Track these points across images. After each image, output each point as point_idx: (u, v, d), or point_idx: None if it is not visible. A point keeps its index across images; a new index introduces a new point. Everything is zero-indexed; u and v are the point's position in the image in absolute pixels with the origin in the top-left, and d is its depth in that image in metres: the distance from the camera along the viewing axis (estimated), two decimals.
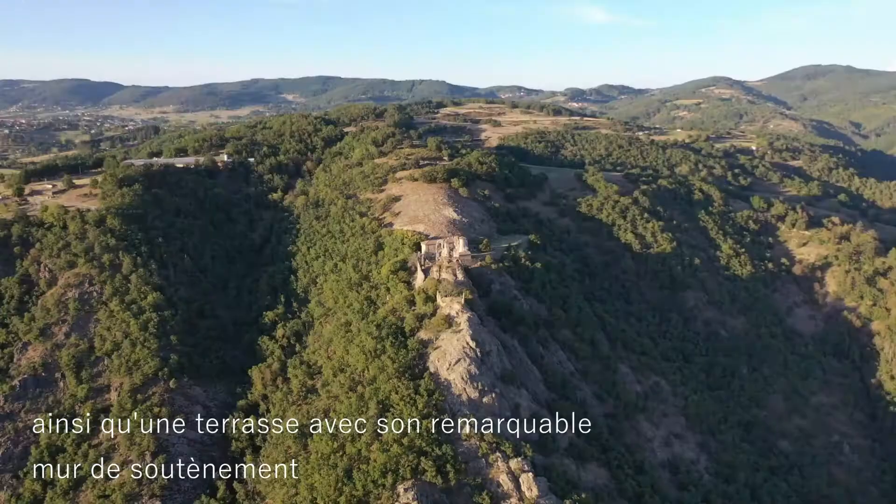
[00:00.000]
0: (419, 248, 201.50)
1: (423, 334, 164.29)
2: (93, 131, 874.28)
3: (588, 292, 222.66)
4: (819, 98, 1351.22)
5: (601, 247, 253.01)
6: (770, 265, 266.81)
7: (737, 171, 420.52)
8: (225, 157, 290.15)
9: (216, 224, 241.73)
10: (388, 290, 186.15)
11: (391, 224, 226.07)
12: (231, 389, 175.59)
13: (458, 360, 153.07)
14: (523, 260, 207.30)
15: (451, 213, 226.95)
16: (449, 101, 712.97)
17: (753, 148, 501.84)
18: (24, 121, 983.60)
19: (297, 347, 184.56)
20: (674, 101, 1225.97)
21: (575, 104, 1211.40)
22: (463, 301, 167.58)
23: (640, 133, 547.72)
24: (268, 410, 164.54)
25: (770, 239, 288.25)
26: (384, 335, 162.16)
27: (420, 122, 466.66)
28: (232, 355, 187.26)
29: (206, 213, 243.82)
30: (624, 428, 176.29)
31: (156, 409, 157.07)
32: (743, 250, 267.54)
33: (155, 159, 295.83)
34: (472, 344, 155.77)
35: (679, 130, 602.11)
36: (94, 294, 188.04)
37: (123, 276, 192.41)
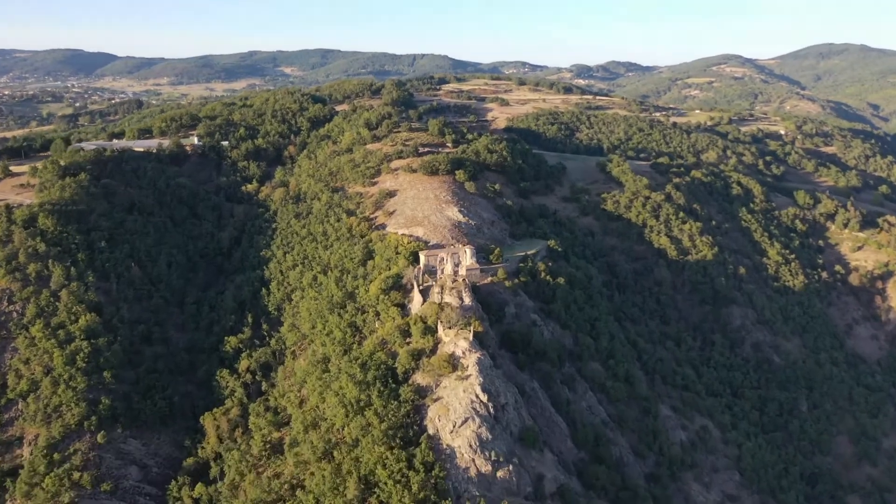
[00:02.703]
0: (417, 259, 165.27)
1: (419, 378, 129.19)
2: (77, 104, 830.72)
3: (618, 310, 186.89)
4: (834, 78, 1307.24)
5: (630, 252, 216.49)
6: (824, 274, 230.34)
7: (768, 158, 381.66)
8: (195, 140, 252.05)
9: (178, 221, 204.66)
10: (377, 314, 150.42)
11: (384, 226, 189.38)
12: (179, 440, 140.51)
13: (466, 419, 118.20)
14: (543, 274, 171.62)
15: (455, 213, 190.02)
16: (452, 76, 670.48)
17: (782, 132, 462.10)
18: (7, 92, 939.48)
19: (264, 385, 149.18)
20: (684, 79, 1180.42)
21: (581, 81, 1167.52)
22: (471, 337, 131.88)
23: (658, 114, 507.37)
24: (221, 475, 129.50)
25: (820, 242, 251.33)
26: (370, 379, 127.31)
27: (421, 101, 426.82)
28: (184, 392, 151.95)
29: (166, 207, 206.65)
30: (669, 492, 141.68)
31: (76, 475, 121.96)
32: (793, 256, 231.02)
33: (115, 141, 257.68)
34: (483, 397, 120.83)
35: (698, 111, 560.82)
36: (14, 315, 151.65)
37: (52, 292, 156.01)
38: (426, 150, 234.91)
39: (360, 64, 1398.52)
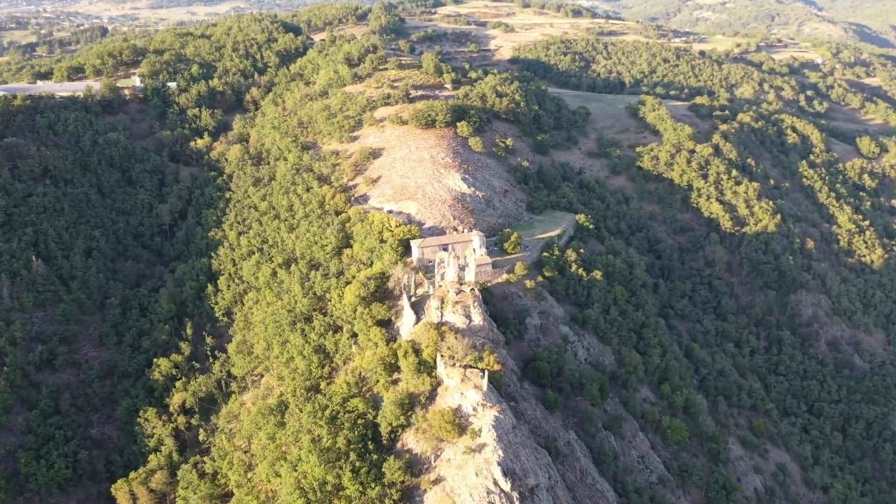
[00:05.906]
0: (408, 251, 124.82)
1: (411, 440, 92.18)
2: (43, 31, 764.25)
3: (664, 305, 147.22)
4: None
5: (674, 221, 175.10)
6: None
7: (809, 92, 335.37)
8: (136, 81, 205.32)
9: (106, 191, 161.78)
10: (353, 336, 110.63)
11: (365, 198, 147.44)
12: None
13: None
14: (574, 266, 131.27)
15: (457, 181, 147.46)
16: None
17: (818, 61, 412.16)
18: None
19: (202, 432, 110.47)
20: None
21: (584, 2, 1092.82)
22: (485, 385, 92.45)
23: (678, 40, 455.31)
24: None
25: (893, 201, 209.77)
26: (342, 445, 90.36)
27: (413, 27, 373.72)
28: (97, 438, 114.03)
29: (90, 173, 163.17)
30: None
31: None
32: (867, 223, 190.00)
33: (40, 84, 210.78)
34: (505, 484, 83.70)
35: (720, 36, 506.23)
36: None
37: None
38: (420, 93, 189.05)
39: None
